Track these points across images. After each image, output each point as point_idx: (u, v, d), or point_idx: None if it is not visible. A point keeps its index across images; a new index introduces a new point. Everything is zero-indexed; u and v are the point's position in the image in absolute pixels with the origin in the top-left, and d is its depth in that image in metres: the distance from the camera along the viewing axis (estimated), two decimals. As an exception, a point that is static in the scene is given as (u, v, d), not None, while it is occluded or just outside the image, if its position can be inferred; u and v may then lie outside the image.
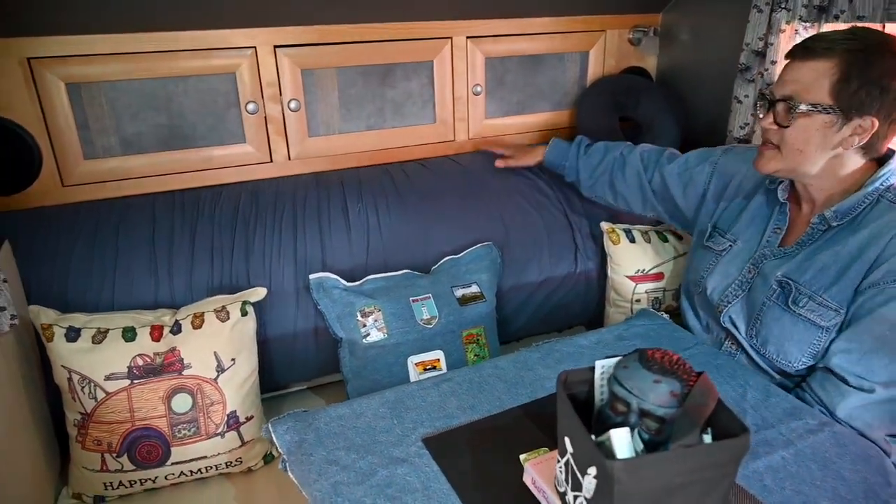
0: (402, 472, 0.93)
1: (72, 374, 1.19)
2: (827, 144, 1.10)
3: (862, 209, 1.13)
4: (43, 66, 1.38)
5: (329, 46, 1.62)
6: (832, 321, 1.11)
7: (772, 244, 1.24)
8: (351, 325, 1.37)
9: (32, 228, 1.37)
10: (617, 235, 1.62)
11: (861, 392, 1.06)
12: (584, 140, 1.67)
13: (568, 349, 1.24)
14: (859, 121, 1.07)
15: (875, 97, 1.05)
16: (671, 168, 1.49)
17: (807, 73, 1.10)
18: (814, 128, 1.10)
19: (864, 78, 1.05)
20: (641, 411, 0.68)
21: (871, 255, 1.08)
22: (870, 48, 1.06)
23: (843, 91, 1.06)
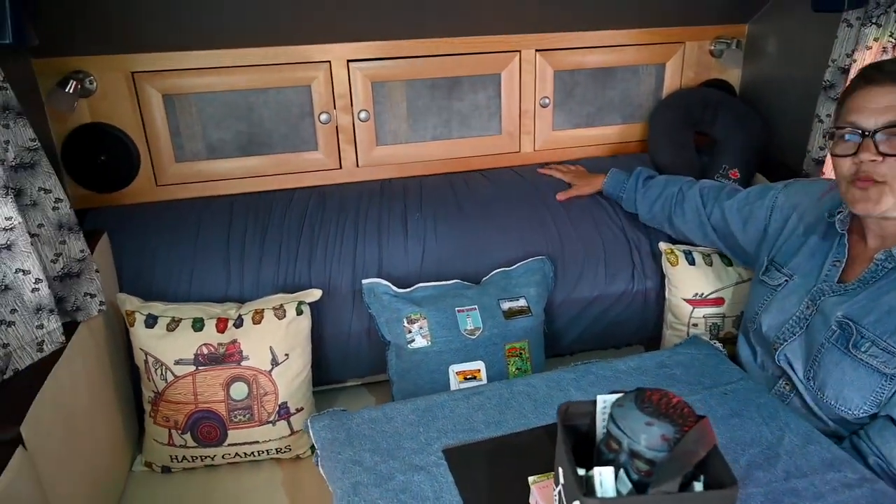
0: (419, 480, 0.98)
1: (148, 356, 1.34)
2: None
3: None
4: (143, 79, 1.54)
5: (398, 60, 1.69)
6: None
7: (830, 278, 1.17)
8: (398, 331, 1.43)
9: (128, 223, 1.54)
10: (676, 256, 1.57)
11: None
12: (644, 172, 1.64)
13: (604, 372, 1.23)
14: None
15: None
16: (731, 203, 1.44)
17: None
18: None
19: None
20: (632, 452, 0.69)
21: None
22: None
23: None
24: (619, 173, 1.67)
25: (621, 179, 1.66)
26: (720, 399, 1.13)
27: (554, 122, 1.89)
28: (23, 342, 1.04)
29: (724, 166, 1.80)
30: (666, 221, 1.59)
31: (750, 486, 0.93)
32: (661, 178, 1.63)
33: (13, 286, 1.04)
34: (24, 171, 1.07)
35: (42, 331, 1.06)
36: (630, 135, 1.97)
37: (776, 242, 1.34)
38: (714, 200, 1.49)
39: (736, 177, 1.79)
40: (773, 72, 1.87)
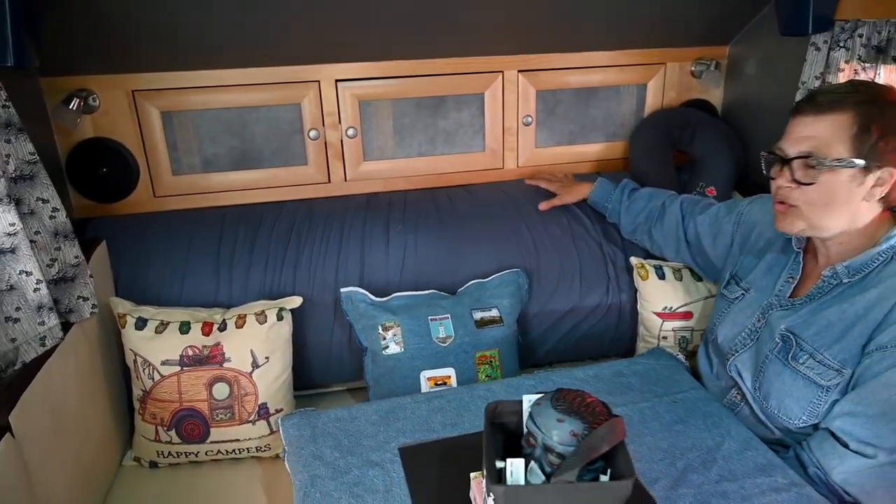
0: (372, 475, 1.05)
1: (137, 356, 1.42)
2: (851, 198, 1.08)
3: (875, 266, 1.09)
4: (143, 97, 1.65)
5: (385, 80, 1.78)
6: (833, 380, 1.08)
7: (782, 294, 1.22)
8: (373, 337, 1.50)
9: (126, 231, 1.64)
10: (646, 271, 1.63)
11: (861, 457, 1.02)
12: (630, 184, 1.70)
13: (562, 380, 1.29)
14: (879, 172, 1.05)
15: (893, 147, 1.04)
16: (703, 218, 1.50)
17: (823, 128, 1.08)
18: (839, 182, 1.07)
19: (882, 129, 1.04)
20: (545, 446, 0.75)
21: (877, 316, 1.05)
22: (878, 99, 1.05)
23: (863, 143, 1.05)
24: (607, 183, 1.73)
25: (608, 190, 1.71)
26: (669, 406, 1.18)
27: (537, 139, 1.96)
28: (28, 337, 1.14)
29: (701, 184, 1.85)
30: (646, 234, 1.64)
31: (682, 488, 0.98)
32: (645, 190, 1.68)
33: (18, 286, 1.14)
34: (24, 183, 1.16)
35: (43, 327, 1.16)
36: (612, 153, 2.03)
37: (739, 257, 1.39)
38: (690, 215, 1.55)
39: (713, 194, 1.84)
40: (752, 92, 1.93)
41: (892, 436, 1.00)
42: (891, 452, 1.00)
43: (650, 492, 0.97)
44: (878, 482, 1.02)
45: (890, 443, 1.00)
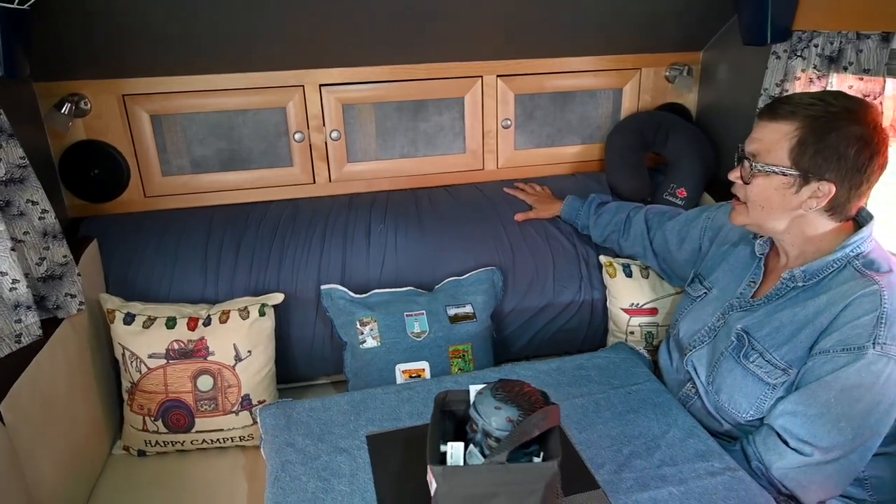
0: (340, 460, 1.12)
1: (125, 350, 1.50)
2: (786, 205, 1.13)
3: (829, 273, 1.14)
4: (133, 101, 1.72)
5: (367, 85, 1.85)
6: (779, 379, 1.14)
7: (744, 296, 1.28)
8: (352, 332, 1.57)
9: (117, 231, 1.71)
10: (614, 269, 1.69)
11: (799, 455, 1.09)
12: (597, 199, 1.77)
13: (526, 372, 1.36)
14: (817, 185, 1.09)
15: (832, 163, 1.07)
16: (672, 225, 1.56)
17: (770, 133, 1.13)
18: (772, 187, 1.13)
19: (822, 144, 1.07)
20: (484, 431, 0.82)
21: (823, 322, 1.10)
22: (831, 115, 1.08)
23: (801, 155, 1.09)
24: (575, 200, 1.80)
25: (576, 206, 1.79)
26: (623, 397, 1.24)
27: (516, 142, 2.03)
28: (2, 334, 1.20)
29: (672, 185, 1.92)
30: (616, 245, 1.73)
31: (625, 472, 1.05)
32: (612, 204, 1.76)
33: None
34: (14, 186, 1.23)
35: (20, 325, 1.22)
36: (589, 155, 2.09)
37: (704, 258, 1.45)
38: (657, 225, 1.61)
39: (683, 195, 1.91)
40: (723, 97, 1.99)
41: (827, 436, 1.06)
42: (826, 451, 1.06)
43: (595, 475, 1.04)
44: (813, 478, 1.09)
45: (826, 442, 1.06)
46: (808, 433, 1.08)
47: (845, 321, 1.07)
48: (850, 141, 1.06)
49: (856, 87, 1.43)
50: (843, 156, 1.07)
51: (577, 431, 1.16)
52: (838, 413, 1.05)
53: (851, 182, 1.08)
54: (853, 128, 1.07)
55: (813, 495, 1.10)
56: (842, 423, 1.05)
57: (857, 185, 1.09)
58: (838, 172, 1.08)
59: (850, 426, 1.05)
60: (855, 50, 1.39)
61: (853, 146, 1.06)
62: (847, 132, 1.06)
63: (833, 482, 1.10)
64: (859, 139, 1.06)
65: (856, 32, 1.38)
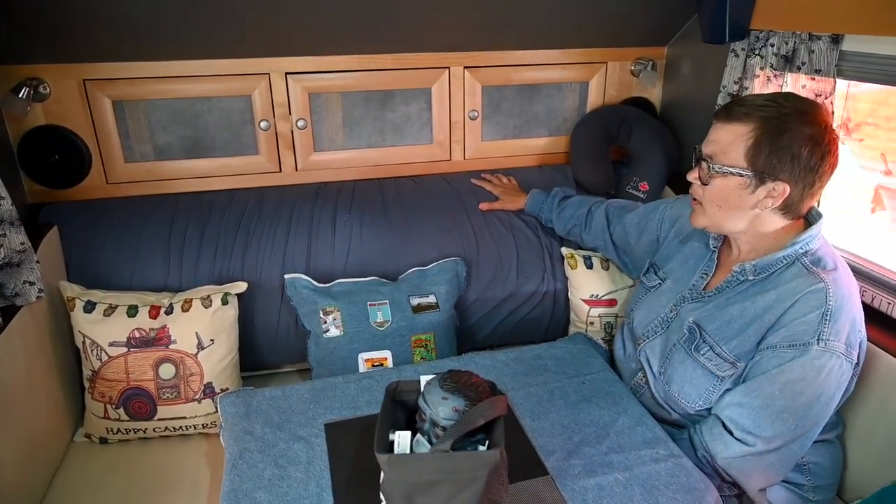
0: (297, 448, 1.14)
1: (85, 338, 1.49)
2: (743, 205, 1.16)
3: (778, 269, 1.17)
4: (94, 86, 1.69)
5: (334, 74, 1.85)
6: (727, 372, 1.18)
7: (696, 288, 1.31)
8: (315, 321, 1.59)
9: (78, 217, 1.69)
10: (575, 261, 1.73)
11: (743, 444, 1.13)
12: (560, 193, 1.80)
13: (485, 362, 1.39)
14: (772, 184, 1.12)
15: (786, 163, 1.10)
16: (631, 217, 1.60)
17: (726, 135, 1.16)
18: (729, 188, 1.16)
19: (776, 145, 1.10)
20: (432, 421, 0.84)
21: (771, 318, 1.14)
22: (784, 116, 1.10)
23: (756, 156, 1.12)
24: (539, 194, 1.83)
25: (540, 200, 1.82)
26: (577, 387, 1.28)
27: (483, 133, 2.04)
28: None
29: (635, 179, 1.96)
30: (578, 238, 1.76)
31: (574, 459, 1.09)
32: (575, 198, 1.78)
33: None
34: (-31, 172, 1.22)
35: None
36: (555, 147, 2.12)
37: (660, 249, 1.49)
38: (617, 219, 1.64)
39: (646, 189, 1.95)
40: (685, 92, 2.03)
41: (770, 426, 1.11)
42: (768, 441, 1.11)
43: (545, 462, 1.08)
44: (755, 466, 1.14)
45: (769, 432, 1.11)
46: (753, 424, 1.12)
47: (792, 318, 1.11)
48: (802, 141, 1.09)
49: (808, 87, 1.47)
50: (797, 156, 1.10)
51: (530, 420, 1.20)
52: (782, 405, 1.10)
53: (804, 181, 1.12)
54: (805, 128, 1.10)
55: (755, 482, 1.15)
56: (785, 415, 1.10)
57: (810, 184, 1.12)
58: (792, 173, 1.11)
59: (793, 417, 1.10)
60: (808, 50, 1.43)
61: (805, 146, 1.09)
62: (799, 133, 1.09)
63: (774, 470, 1.15)
64: (811, 139, 1.09)
65: (808, 33, 1.42)
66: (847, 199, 1.67)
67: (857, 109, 1.62)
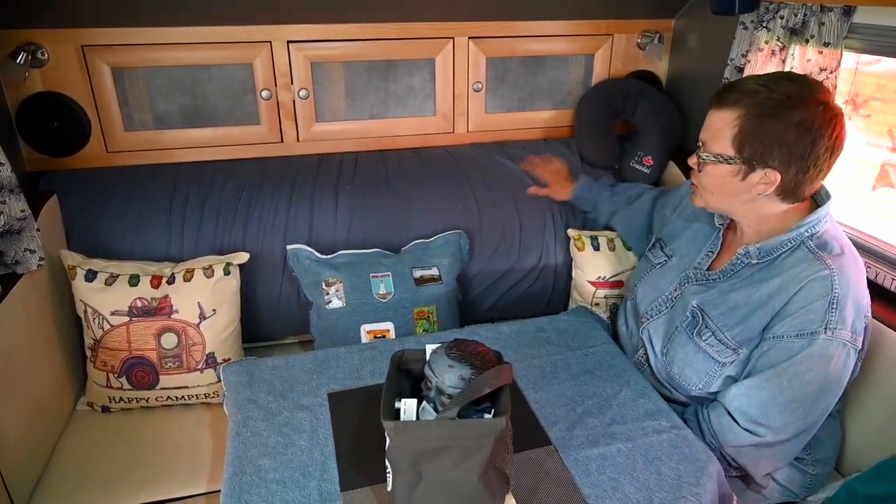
0: (301, 417, 1.14)
1: (87, 307, 1.49)
2: (736, 191, 1.14)
3: (782, 252, 1.15)
4: (93, 52, 1.66)
5: (337, 43, 1.81)
6: (728, 358, 1.17)
7: (701, 267, 1.29)
8: (317, 293, 1.59)
9: (78, 186, 1.68)
10: (582, 242, 1.72)
11: (751, 434, 1.13)
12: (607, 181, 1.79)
13: (488, 334, 1.39)
14: (763, 172, 1.09)
15: (774, 150, 1.07)
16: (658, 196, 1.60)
17: (716, 121, 1.13)
18: (720, 175, 1.14)
19: (762, 132, 1.07)
20: (438, 389, 0.84)
21: (776, 306, 1.12)
22: (773, 101, 1.06)
23: (742, 143, 1.09)
24: (591, 181, 1.78)
25: (591, 183, 1.77)
26: (580, 359, 1.29)
27: (487, 105, 2.02)
28: (-38, 288, 1.19)
29: (639, 153, 1.94)
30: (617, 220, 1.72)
31: (577, 430, 1.10)
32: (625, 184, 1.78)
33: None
34: (-33, 137, 1.20)
35: (-21, 278, 1.21)
36: (560, 120, 2.10)
37: (666, 225, 1.48)
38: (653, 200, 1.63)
39: (650, 163, 1.93)
40: (692, 66, 2.00)
41: (780, 417, 1.10)
42: (778, 432, 1.11)
43: (548, 433, 1.08)
44: (764, 454, 1.14)
45: (779, 423, 1.11)
46: (762, 414, 1.11)
47: (798, 306, 1.09)
48: (790, 128, 1.05)
49: (813, 61, 1.45)
50: (784, 142, 1.06)
51: (533, 391, 1.20)
52: (791, 396, 1.09)
53: (797, 167, 1.08)
54: (794, 114, 1.05)
55: (762, 469, 1.16)
56: (793, 405, 1.10)
57: (804, 170, 1.08)
58: (782, 160, 1.07)
59: (802, 408, 1.10)
60: (818, 22, 1.41)
61: (792, 132, 1.05)
62: (787, 119, 1.05)
63: (783, 457, 1.16)
64: (800, 125, 1.05)
65: (820, 5, 1.39)
66: (853, 175, 1.65)
67: (864, 84, 1.60)
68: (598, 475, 0.99)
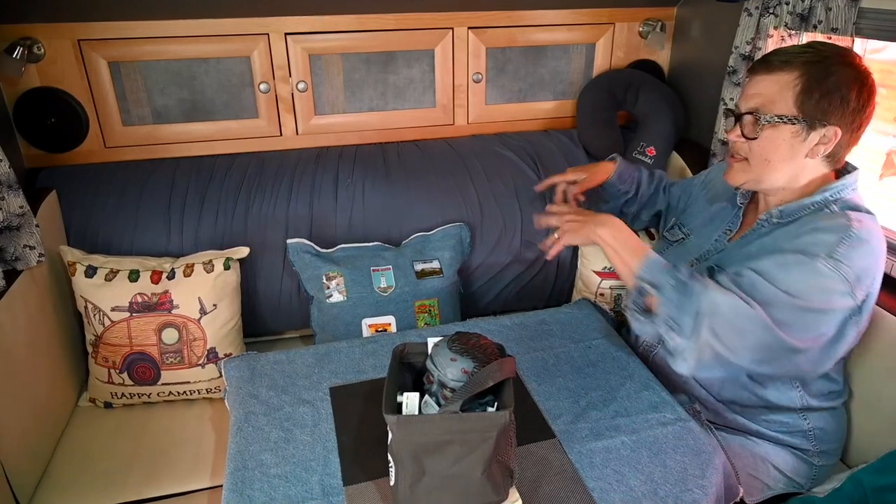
0: (303, 411, 1.13)
1: (87, 303, 1.48)
2: (795, 154, 1.12)
3: (805, 214, 1.14)
4: (90, 47, 1.65)
5: (335, 34, 1.80)
6: None
7: (719, 242, 1.28)
8: (318, 287, 1.58)
9: (77, 181, 1.67)
10: (585, 230, 1.70)
11: (738, 298, 1.03)
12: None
13: (490, 327, 1.38)
14: (823, 130, 1.09)
15: (836, 106, 1.07)
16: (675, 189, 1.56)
17: (770, 85, 1.12)
18: (781, 138, 1.12)
19: (826, 88, 1.07)
20: (440, 382, 0.83)
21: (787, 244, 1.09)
22: (827, 60, 1.08)
23: (806, 101, 1.08)
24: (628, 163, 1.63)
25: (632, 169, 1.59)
26: (583, 351, 1.28)
27: (487, 96, 2.00)
28: (-38, 284, 1.18)
29: (641, 144, 1.92)
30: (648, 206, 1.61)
31: (581, 422, 1.09)
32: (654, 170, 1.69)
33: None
34: (-37, 133, 1.19)
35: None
36: (561, 111, 2.08)
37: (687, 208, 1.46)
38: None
39: (652, 154, 1.91)
40: (695, 55, 1.98)
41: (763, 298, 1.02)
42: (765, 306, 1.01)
43: (551, 426, 1.08)
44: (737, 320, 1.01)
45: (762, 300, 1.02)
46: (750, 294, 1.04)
47: (808, 233, 1.07)
48: (849, 82, 1.07)
49: (823, 47, 1.43)
50: (845, 98, 1.07)
51: (536, 384, 1.19)
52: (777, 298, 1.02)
53: (853, 124, 1.09)
54: (849, 70, 1.07)
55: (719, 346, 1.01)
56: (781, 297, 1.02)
57: (858, 126, 1.10)
58: (842, 115, 1.08)
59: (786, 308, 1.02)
60: (825, 7, 1.39)
61: (853, 87, 1.07)
62: (845, 74, 1.07)
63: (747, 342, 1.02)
64: (856, 79, 1.07)
65: (826, -9, 1.37)
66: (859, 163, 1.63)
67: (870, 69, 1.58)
68: (603, 468, 0.98)
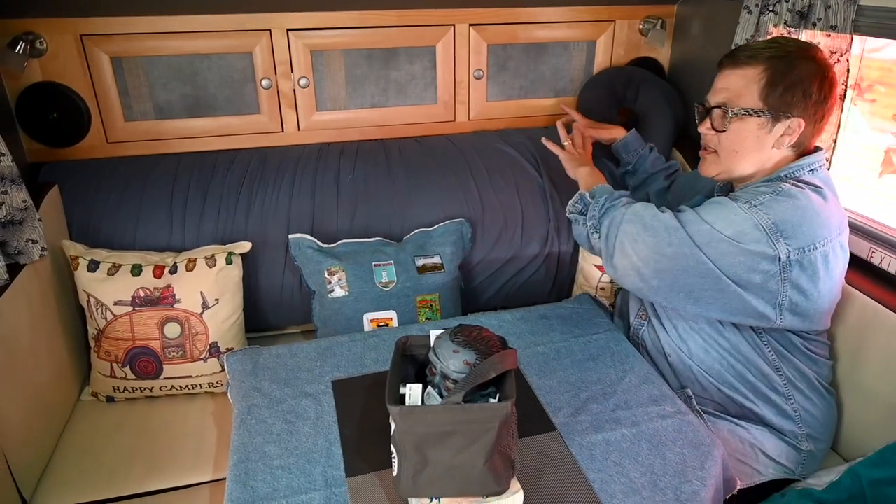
0: (305, 404, 1.14)
1: (90, 297, 1.49)
2: (761, 145, 1.18)
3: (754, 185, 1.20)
4: (92, 42, 1.65)
5: (336, 31, 1.80)
6: None
7: None
8: (319, 282, 1.58)
9: (79, 176, 1.67)
10: (585, 224, 1.71)
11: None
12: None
13: (491, 322, 1.39)
14: (787, 121, 1.15)
15: (799, 99, 1.14)
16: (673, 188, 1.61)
17: (737, 80, 1.18)
18: (748, 130, 1.18)
19: (789, 81, 1.13)
20: (443, 374, 0.84)
21: None
22: (790, 55, 1.15)
23: (771, 95, 1.15)
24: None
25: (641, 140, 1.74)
26: (583, 346, 1.28)
27: (488, 93, 2.01)
28: (-35, 278, 1.19)
29: (641, 140, 1.93)
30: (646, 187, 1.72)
31: (581, 415, 1.10)
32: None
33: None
34: (-33, 126, 1.19)
35: (-15, 270, 1.21)
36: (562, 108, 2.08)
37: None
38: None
39: (653, 150, 1.92)
40: (695, 52, 1.99)
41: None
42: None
43: (552, 418, 1.09)
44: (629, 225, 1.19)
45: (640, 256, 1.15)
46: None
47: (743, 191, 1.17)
48: (812, 76, 1.13)
49: (823, 44, 1.43)
50: (808, 91, 1.13)
51: (537, 378, 1.20)
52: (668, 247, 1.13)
53: (816, 115, 1.16)
54: (811, 64, 1.14)
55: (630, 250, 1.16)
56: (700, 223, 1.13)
57: (821, 117, 1.16)
58: (805, 107, 1.14)
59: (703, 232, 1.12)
60: (824, 5, 1.39)
61: (815, 80, 1.13)
62: (807, 68, 1.14)
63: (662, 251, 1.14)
64: (818, 73, 1.13)
65: (825, -12, 1.38)
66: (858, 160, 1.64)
67: (869, 69, 1.59)
68: (603, 460, 0.99)
